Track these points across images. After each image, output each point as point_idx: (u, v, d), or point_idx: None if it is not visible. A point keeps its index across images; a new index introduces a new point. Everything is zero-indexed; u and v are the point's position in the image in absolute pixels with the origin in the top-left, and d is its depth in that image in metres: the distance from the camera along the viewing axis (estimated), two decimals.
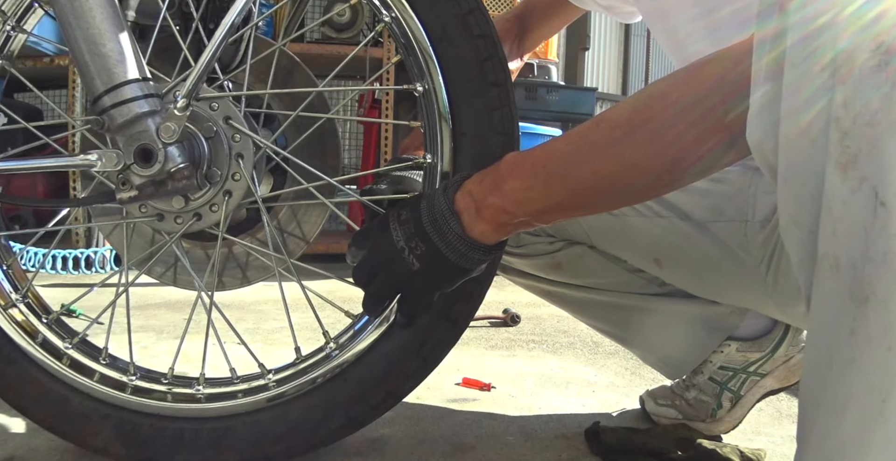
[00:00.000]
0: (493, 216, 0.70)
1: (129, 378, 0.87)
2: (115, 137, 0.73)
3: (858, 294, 0.45)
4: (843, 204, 0.44)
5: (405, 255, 0.73)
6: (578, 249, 1.04)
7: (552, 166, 0.68)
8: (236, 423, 0.85)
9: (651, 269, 1.02)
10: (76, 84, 2.49)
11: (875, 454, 0.46)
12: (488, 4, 3.24)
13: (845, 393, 0.47)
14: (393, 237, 0.74)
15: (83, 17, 0.71)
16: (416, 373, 0.83)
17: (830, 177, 0.45)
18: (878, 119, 0.42)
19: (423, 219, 0.73)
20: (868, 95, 0.43)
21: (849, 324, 0.46)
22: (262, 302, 1.98)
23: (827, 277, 0.47)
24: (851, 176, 0.44)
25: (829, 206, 0.45)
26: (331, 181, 0.82)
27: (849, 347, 0.46)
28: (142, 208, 0.80)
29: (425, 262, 0.73)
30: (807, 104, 0.46)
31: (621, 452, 0.95)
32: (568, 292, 1.10)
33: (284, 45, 0.84)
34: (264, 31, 2.56)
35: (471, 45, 0.77)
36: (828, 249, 0.46)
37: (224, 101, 0.78)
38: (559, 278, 1.10)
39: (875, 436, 0.46)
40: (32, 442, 0.95)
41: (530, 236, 1.05)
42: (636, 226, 0.97)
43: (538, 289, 1.14)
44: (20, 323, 0.88)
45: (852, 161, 0.44)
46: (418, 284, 0.75)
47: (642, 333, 1.08)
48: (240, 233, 0.91)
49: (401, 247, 0.73)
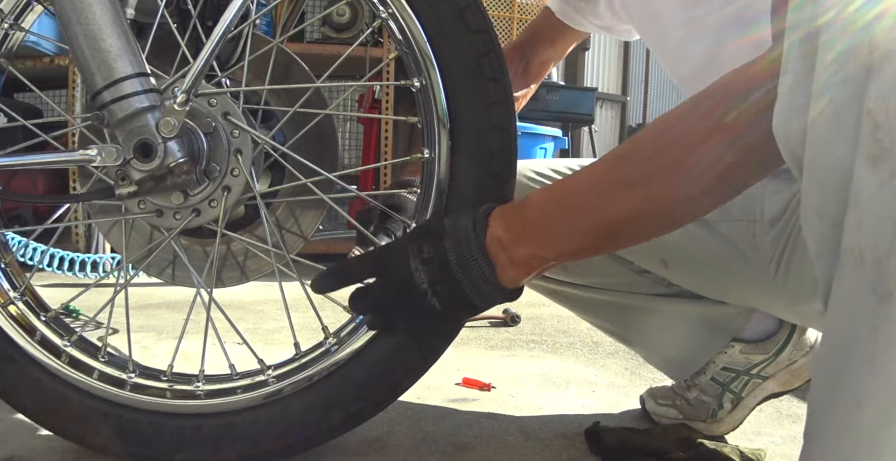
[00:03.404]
0: (524, 263, 0.70)
1: (128, 375, 0.87)
2: (115, 132, 0.73)
3: (882, 289, 0.43)
4: (871, 197, 0.43)
5: (428, 298, 0.72)
6: None
7: (583, 209, 0.68)
8: (236, 420, 0.85)
9: (658, 270, 1.02)
10: (76, 83, 2.49)
11: (889, 453, 0.45)
12: (488, 4, 3.24)
13: (863, 390, 0.46)
14: (415, 278, 0.72)
15: (83, 13, 0.71)
16: (416, 369, 0.83)
17: (860, 169, 0.43)
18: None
19: (451, 261, 0.71)
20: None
21: (871, 320, 0.45)
22: (261, 302, 1.97)
23: (850, 272, 0.45)
24: (882, 169, 0.42)
25: (857, 198, 0.44)
26: (329, 176, 0.82)
27: (869, 344, 0.45)
28: (140, 204, 0.80)
29: (448, 305, 0.72)
30: (838, 96, 0.45)
31: (621, 452, 0.95)
32: (574, 292, 1.10)
33: (282, 43, 0.83)
34: (263, 30, 2.56)
35: (468, 41, 0.76)
36: (852, 243, 0.45)
37: (223, 98, 0.78)
38: (566, 278, 1.09)
39: (891, 435, 0.45)
40: (32, 442, 0.95)
41: None
42: None
43: (544, 289, 1.14)
44: (18, 320, 0.88)
45: (884, 154, 0.42)
46: (436, 321, 0.75)
47: (647, 334, 1.08)
48: (238, 231, 0.90)
49: (423, 289, 0.71)
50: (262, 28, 2.58)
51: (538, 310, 1.93)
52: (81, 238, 2.60)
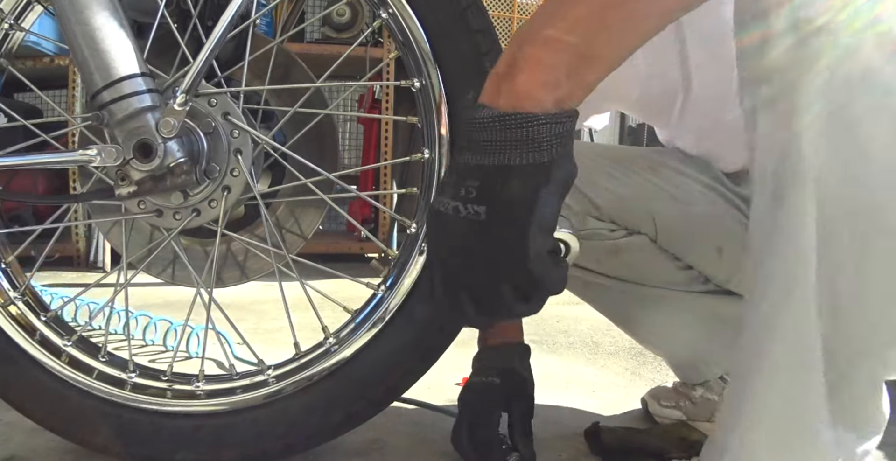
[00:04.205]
0: (530, 65, 0.51)
1: (128, 375, 0.87)
2: (115, 132, 0.73)
3: (773, 193, 0.54)
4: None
5: (462, 213, 0.52)
6: (641, 239, 1.01)
7: None
8: (236, 420, 0.85)
9: (711, 260, 1.00)
10: (76, 84, 2.49)
11: (779, 341, 0.54)
12: (488, 4, 3.24)
13: (763, 283, 0.55)
14: (440, 209, 0.55)
15: (82, 13, 0.71)
16: (416, 369, 0.83)
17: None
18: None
19: (456, 154, 0.55)
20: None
21: (770, 222, 0.54)
22: (262, 302, 1.97)
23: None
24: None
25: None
26: (329, 176, 0.82)
27: (770, 241, 0.55)
28: (140, 204, 0.80)
29: (488, 199, 0.52)
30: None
31: (621, 452, 0.95)
32: (610, 285, 1.06)
33: (282, 43, 0.83)
34: (264, 31, 2.56)
35: (469, 40, 0.77)
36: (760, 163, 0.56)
37: (223, 98, 0.78)
38: (609, 269, 1.05)
39: (778, 324, 0.53)
40: (32, 442, 0.95)
41: (595, 221, 1.00)
42: (704, 213, 0.97)
43: (578, 281, 1.08)
44: (18, 320, 0.88)
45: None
46: (502, 236, 0.52)
47: (671, 332, 1.06)
48: (238, 230, 0.90)
49: (453, 208, 0.53)
50: (262, 28, 2.58)
51: None
52: (81, 238, 2.60)
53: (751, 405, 0.58)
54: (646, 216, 0.99)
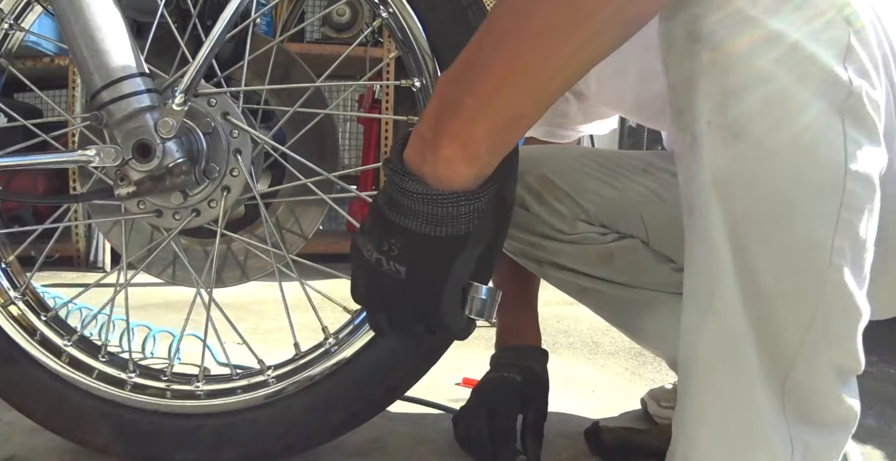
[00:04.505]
0: (452, 141, 0.56)
1: (128, 375, 0.87)
2: (114, 133, 0.73)
3: (688, 207, 0.57)
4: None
5: (384, 267, 0.59)
6: (632, 242, 1.00)
7: (489, 41, 0.56)
8: (237, 420, 0.85)
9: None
10: (76, 84, 2.49)
11: (704, 343, 0.56)
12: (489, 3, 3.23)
13: (688, 291, 0.58)
14: (364, 254, 0.61)
15: (82, 13, 0.71)
16: (417, 369, 0.83)
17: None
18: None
19: (383, 208, 0.59)
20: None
21: (688, 233, 0.58)
22: (262, 302, 1.97)
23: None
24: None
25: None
26: (329, 176, 0.82)
27: (688, 251, 0.58)
28: (140, 204, 0.80)
29: (408, 259, 0.59)
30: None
31: (621, 452, 0.95)
32: (606, 289, 1.05)
33: (282, 42, 0.83)
34: (264, 30, 2.56)
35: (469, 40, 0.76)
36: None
37: (222, 97, 0.78)
38: (604, 273, 1.04)
39: (705, 327, 0.56)
40: (32, 442, 0.95)
41: (585, 224, 1.00)
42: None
43: (573, 285, 1.08)
44: (19, 320, 0.88)
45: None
46: (419, 292, 0.61)
47: (670, 335, 1.05)
48: (238, 231, 0.90)
49: (375, 260, 0.60)
50: (262, 28, 2.58)
51: (538, 310, 1.92)
52: (81, 238, 2.60)
53: (693, 404, 0.59)
54: (635, 219, 0.99)
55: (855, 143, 0.53)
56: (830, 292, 0.54)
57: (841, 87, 0.53)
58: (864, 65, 0.54)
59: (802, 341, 0.55)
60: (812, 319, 0.55)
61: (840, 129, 0.53)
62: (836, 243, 0.54)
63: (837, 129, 0.53)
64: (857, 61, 0.53)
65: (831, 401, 0.57)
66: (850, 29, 0.53)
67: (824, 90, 0.52)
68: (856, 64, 0.53)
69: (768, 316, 0.55)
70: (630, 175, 0.99)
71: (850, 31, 0.53)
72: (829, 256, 0.54)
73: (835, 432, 0.59)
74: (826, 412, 0.58)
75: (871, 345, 0.60)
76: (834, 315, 0.55)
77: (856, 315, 0.56)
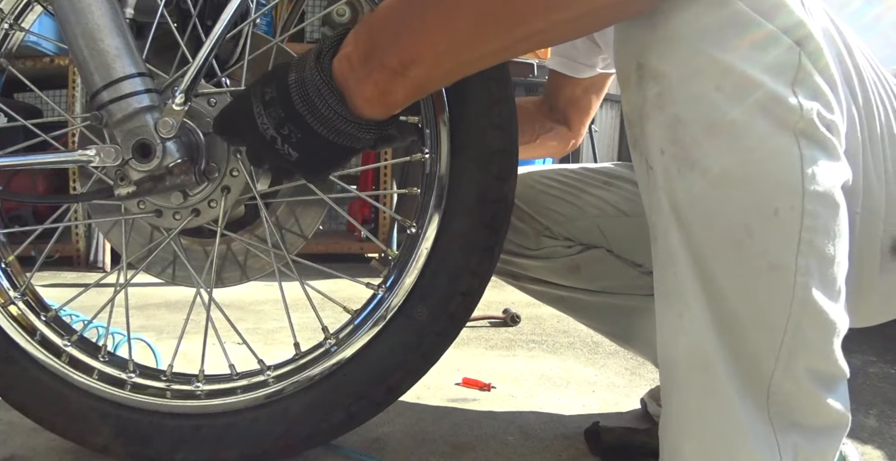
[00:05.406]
0: (375, 87, 0.61)
1: (128, 375, 0.87)
2: (114, 132, 0.73)
3: (653, 233, 0.59)
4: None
5: (278, 146, 0.64)
6: (597, 252, 1.04)
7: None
8: (237, 420, 0.85)
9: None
10: (76, 83, 2.49)
11: (679, 363, 0.58)
12: None
13: (659, 313, 0.60)
14: (259, 126, 0.64)
15: (82, 13, 0.71)
16: (416, 369, 0.83)
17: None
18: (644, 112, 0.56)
19: (294, 98, 0.62)
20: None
21: (654, 252, 0.59)
22: (262, 302, 1.97)
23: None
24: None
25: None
26: (329, 176, 0.82)
27: (656, 277, 0.59)
28: (140, 204, 0.80)
29: (304, 151, 0.64)
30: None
31: (621, 452, 0.95)
32: (582, 297, 1.09)
33: (282, 42, 0.83)
34: (264, 30, 2.56)
35: None
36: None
37: (222, 97, 0.78)
38: (575, 283, 1.08)
39: (678, 346, 0.57)
40: (32, 442, 0.95)
41: (549, 239, 1.04)
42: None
43: (551, 296, 1.12)
44: (19, 320, 0.88)
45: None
46: (303, 172, 0.68)
47: (651, 338, 1.07)
48: (238, 231, 0.90)
49: (271, 136, 0.64)
50: (262, 27, 2.58)
51: (538, 310, 1.92)
52: (81, 238, 2.60)
53: (673, 424, 0.60)
54: (595, 231, 1.02)
55: (812, 163, 0.53)
56: (799, 309, 0.54)
57: (790, 111, 0.52)
58: (817, 86, 0.53)
59: (778, 356, 0.55)
60: (783, 336, 0.55)
61: (796, 152, 0.52)
62: (801, 263, 0.53)
63: (793, 151, 0.52)
64: (809, 83, 0.53)
65: (818, 408, 0.57)
66: (802, 51, 0.52)
67: (772, 115, 0.52)
68: (806, 85, 0.53)
69: (740, 333, 0.56)
70: (591, 189, 1.03)
71: (801, 52, 0.52)
72: (793, 276, 0.53)
73: (825, 436, 0.59)
74: (814, 417, 0.58)
75: (872, 346, 0.60)
76: (805, 329, 0.55)
77: (830, 327, 0.55)
